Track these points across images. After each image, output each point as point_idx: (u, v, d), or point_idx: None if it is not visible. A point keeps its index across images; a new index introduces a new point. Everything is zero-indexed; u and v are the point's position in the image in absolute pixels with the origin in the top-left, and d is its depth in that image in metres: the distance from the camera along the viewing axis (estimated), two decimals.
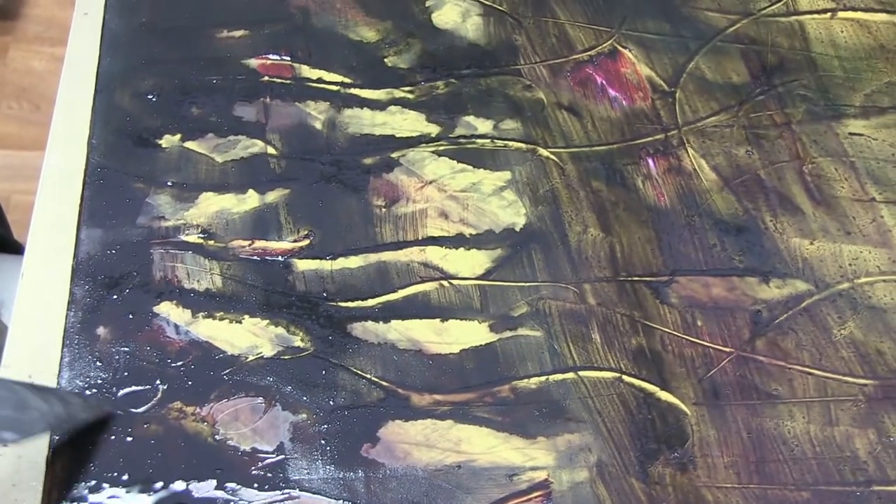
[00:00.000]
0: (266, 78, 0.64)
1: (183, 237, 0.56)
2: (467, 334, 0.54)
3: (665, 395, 0.53)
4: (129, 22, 0.65)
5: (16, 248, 0.88)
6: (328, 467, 0.48)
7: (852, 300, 0.56)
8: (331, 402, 0.51)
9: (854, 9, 0.71)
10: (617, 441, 0.51)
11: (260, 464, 0.48)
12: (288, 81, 0.64)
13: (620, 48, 0.67)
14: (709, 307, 0.56)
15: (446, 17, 0.68)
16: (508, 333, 0.54)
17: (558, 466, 0.50)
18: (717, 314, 0.56)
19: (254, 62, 0.64)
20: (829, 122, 0.65)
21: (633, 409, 0.52)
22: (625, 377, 0.53)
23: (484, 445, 0.51)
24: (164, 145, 0.60)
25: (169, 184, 0.58)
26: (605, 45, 0.68)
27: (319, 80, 0.64)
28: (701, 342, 0.55)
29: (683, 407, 0.52)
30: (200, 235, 0.56)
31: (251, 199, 0.58)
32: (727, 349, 0.54)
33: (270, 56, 0.65)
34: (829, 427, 0.52)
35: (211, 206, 0.58)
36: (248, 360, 0.52)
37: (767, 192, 0.61)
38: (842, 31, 0.69)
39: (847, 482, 0.50)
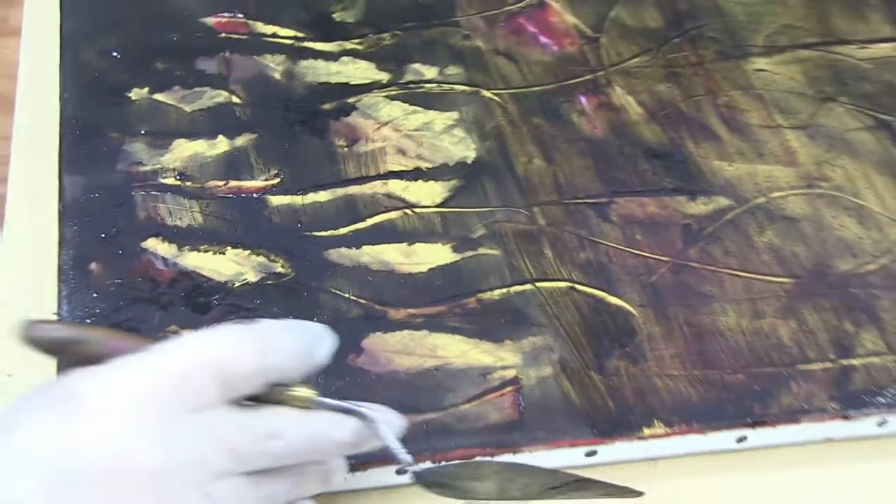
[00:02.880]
0: (223, 34, 0.67)
1: (161, 180, 0.59)
2: (433, 255, 0.58)
3: (613, 300, 0.58)
4: None
5: None
6: (319, 377, 0.52)
7: (769, 212, 0.63)
8: (315, 320, 0.54)
9: None
10: (575, 341, 0.56)
11: None
12: (244, 37, 0.67)
13: (548, 0, 0.73)
14: (645, 223, 0.61)
15: None
16: (470, 253, 0.59)
17: (525, 365, 0.55)
18: (653, 229, 0.61)
19: (210, 20, 0.67)
20: (737, 60, 0.71)
21: (587, 313, 0.57)
22: (577, 286, 0.58)
23: (457, 350, 0.55)
24: (133, 98, 0.63)
25: (142, 132, 0.61)
26: None
27: (274, 35, 0.67)
28: (641, 253, 0.60)
29: (631, 309, 0.58)
30: (177, 178, 0.59)
31: (221, 144, 0.61)
32: (665, 258, 0.60)
33: (224, 14, 0.68)
34: (757, 319, 0.58)
35: (184, 151, 0.61)
36: (236, 286, 0.55)
37: (688, 122, 0.67)
38: None
39: (775, 364, 0.56)
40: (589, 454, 0.52)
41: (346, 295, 0.56)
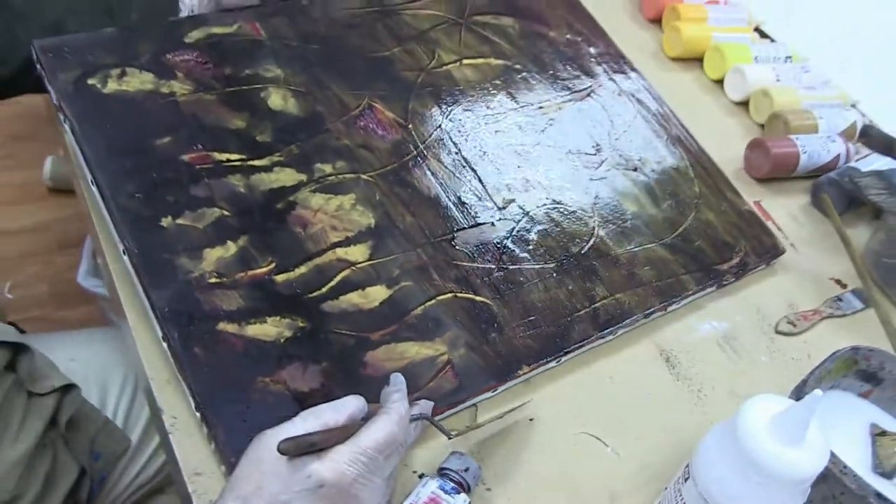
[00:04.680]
0: (197, 167, 0.91)
1: (208, 281, 0.84)
2: (378, 294, 0.90)
3: (478, 298, 0.94)
4: (99, 146, 0.89)
5: None
6: (349, 389, 0.81)
7: (534, 218, 1.04)
8: (333, 352, 0.85)
9: (470, 57, 1.17)
10: (469, 328, 0.91)
11: (317, 396, 0.82)
12: (210, 166, 0.91)
13: (373, 104, 1.05)
14: (477, 245, 0.98)
15: (275, 101, 0.99)
16: (396, 287, 0.91)
17: (450, 350, 0.89)
18: (482, 248, 0.98)
19: (185, 157, 0.91)
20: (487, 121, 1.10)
21: (468, 310, 0.93)
22: (458, 294, 0.94)
23: (413, 351, 0.88)
24: (164, 225, 0.86)
25: (181, 248, 0.85)
26: (363, 103, 1.04)
27: (228, 161, 0.92)
28: (482, 265, 0.97)
29: (488, 301, 0.94)
30: (216, 277, 0.85)
31: (231, 247, 0.87)
32: (492, 265, 0.98)
33: (191, 152, 0.91)
34: (548, 292, 0.99)
35: (212, 256, 0.86)
36: (282, 341, 0.84)
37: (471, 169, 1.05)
38: (468, 71, 1.14)
39: (566, 315, 0.97)
40: (494, 391, 0.91)
41: (343, 331, 0.87)
